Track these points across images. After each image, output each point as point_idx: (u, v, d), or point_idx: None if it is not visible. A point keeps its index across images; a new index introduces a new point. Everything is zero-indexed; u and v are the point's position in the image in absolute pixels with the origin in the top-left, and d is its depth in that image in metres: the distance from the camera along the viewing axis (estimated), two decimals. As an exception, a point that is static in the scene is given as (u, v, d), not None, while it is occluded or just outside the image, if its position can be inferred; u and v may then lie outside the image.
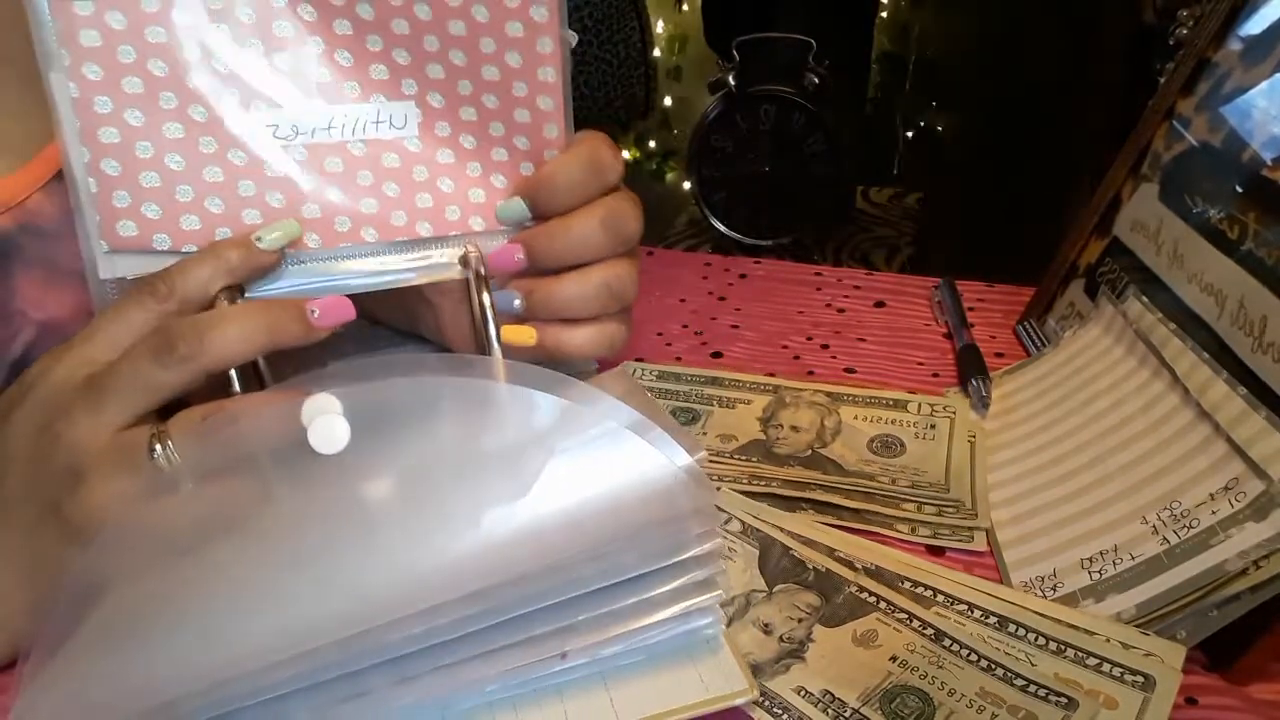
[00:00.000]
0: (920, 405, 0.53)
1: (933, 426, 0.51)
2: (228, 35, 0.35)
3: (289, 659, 0.29)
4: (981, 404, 0.52)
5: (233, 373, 0.34)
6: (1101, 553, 0.41)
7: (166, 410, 0.33)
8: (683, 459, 0.33)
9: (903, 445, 0.50)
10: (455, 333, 0.44)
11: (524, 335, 0.39)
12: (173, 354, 0.32)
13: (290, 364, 0.35)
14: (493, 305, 0.37)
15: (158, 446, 0.31)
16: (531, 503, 0.32)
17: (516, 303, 0.40)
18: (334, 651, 0.30)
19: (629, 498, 0.32)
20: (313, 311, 0.35)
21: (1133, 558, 0.39)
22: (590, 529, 0.32)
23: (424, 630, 0.30)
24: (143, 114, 0.34)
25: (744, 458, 0.50)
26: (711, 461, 0.49)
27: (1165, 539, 0.39)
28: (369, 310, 0.47)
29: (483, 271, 0.38)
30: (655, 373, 0.58)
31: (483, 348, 0.37)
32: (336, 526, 0.32)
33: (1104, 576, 0.40)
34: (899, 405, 0.53)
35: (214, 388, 0.34)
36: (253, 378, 0.35)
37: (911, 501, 0.46)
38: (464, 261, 0.39)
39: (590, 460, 0.32)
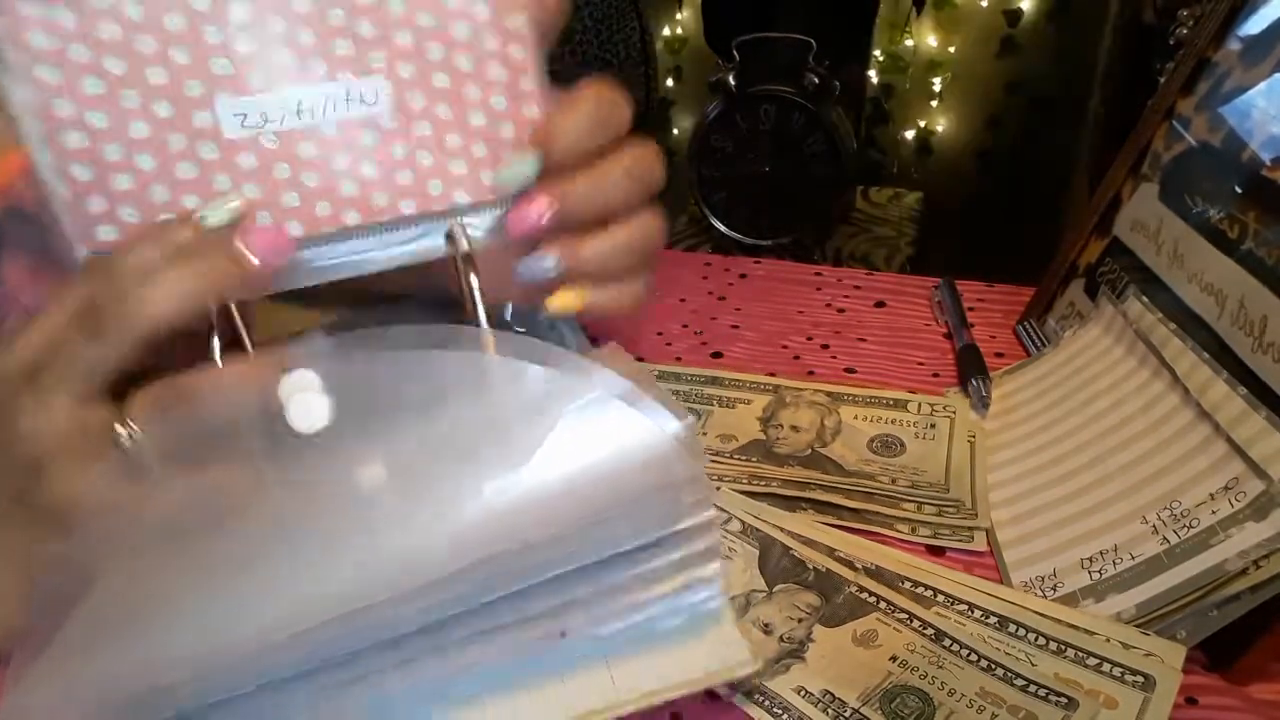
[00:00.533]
0: (920, 405, 0.53)
1: (933, 426, 0.51)
2: (183, 25, 0.34)
3: (286, 639, 0.29)
4: (981, 404, 0.52)
5: (214, 345, 0.33)
6: (1101, 552, 0.41)
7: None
8: (674, 425, 0.32)
9: (903, 445, 0.50)
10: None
11: (571, 301, 0.37)
12: (100, 324, 0.30)
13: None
14: (479, 287, 0.36)
15: (120, 430, 0.30)
16: (531, 471, 0.31)
17: (550, 263, 0.36)
18: (333, 628, 0.29)
19: (625, 464, 0.31)
20: (242, 246, 0.32)
21: (1133, 557, 0.39)
22: (590, 496, 0.31)
23: (421, 607, 0.30)
24: (105, 116, 0.34)
25: (744, 458, 0.50)
26: (712, 461, 0.49)
27: (1165, 539, 0.39)
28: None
29: (467, 248, 0.37)
30: (655, 372, 0.58)
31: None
32: (333, 504, 0.31)
33: (1104, 576, 0.40)
34: (899, 405, 0.53)
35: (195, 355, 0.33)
36: (226, 339, 0.34)
37: (911, 501, 0.46)
38: (449, 237, 0.37)
39: (585, 428, 0.32)
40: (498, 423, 0.33)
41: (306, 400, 0.30)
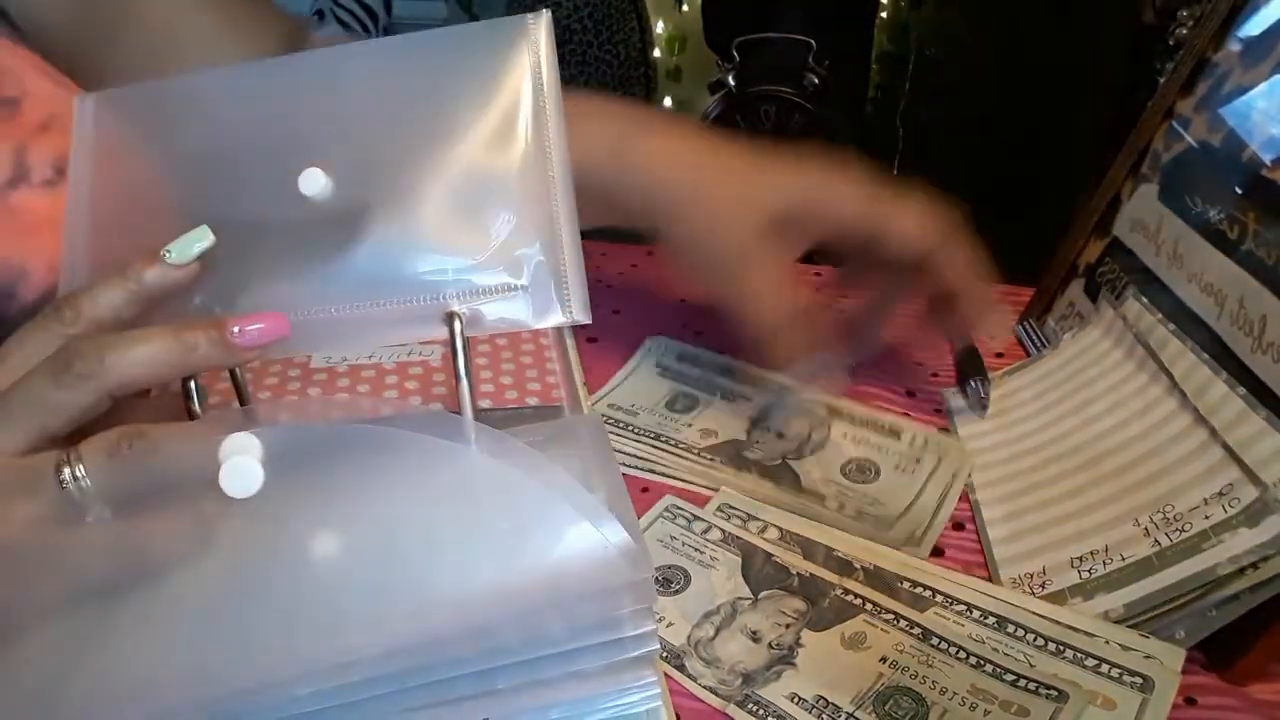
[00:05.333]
0: (914, 438, 0.51)
1: (918, 461, 0.49)
2: None
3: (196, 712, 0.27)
4: (980, 405, 0.52)
5: (193, 388, 0.32)
6: (1092, 552, 0.40)
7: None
8: (619, 535, 0.31)
9: (877, 472, 0.49)
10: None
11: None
12: (69, 372, 0.30)
13: None
14: (469, 374, 0.35)
15: (66, 470, 0.29)
16: (464, 564, 0.30)
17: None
18: (243, 702, 0.28)
19: (564, 567, 0.30)
20: (234, 331, 0.32)
21: (1123, 558, 0.39)
22: (524, 594, 0.30)
23: (337, 686, 0.29)
24: None
25: (710, 457, 0.50)
26: (677, 454, 0.50)
27: (1156, 541, 0.39)
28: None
29: (461, 337, 0.35)
30: (676, 352, 0.59)
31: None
32: (259, 574, 0.30)
33: (1093, 576, 0.39)
34: (893, 433, 0.51)
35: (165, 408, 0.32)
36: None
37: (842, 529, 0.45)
38: (448, 320, 0.36)
39: (526, 526, 0.31)
40: (436, 512, 0.32)
41: (240, 464, 0.28)
